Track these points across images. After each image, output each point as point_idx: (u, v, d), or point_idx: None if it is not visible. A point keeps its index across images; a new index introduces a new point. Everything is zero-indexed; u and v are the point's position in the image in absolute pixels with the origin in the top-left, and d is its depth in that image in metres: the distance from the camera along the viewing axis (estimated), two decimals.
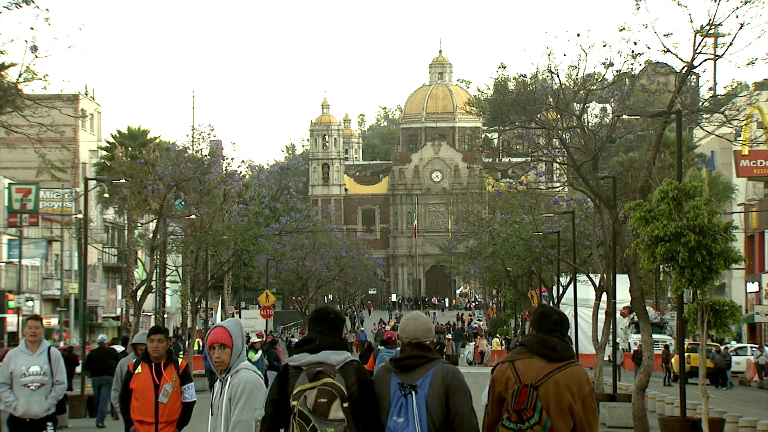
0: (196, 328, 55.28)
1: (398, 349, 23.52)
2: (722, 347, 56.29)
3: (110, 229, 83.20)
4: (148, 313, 73.95)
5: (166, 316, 71.65)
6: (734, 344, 61.39)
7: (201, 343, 56.92)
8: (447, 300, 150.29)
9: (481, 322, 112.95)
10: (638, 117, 31.76)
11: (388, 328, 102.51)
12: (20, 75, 30.88)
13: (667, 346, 54.68)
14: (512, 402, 7.74)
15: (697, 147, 70.46)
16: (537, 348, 7.87)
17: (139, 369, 13.01)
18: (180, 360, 13.08)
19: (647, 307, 32.97)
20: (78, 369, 35.59)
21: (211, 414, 8.82)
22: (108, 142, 70.52)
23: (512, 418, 7.72)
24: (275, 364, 35.64)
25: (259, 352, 34.74)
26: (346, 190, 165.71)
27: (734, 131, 40.83)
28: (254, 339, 39.20)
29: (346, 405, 7.68)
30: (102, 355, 30.79)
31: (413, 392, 7.74)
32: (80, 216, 60.12)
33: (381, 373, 7.99)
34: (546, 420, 7.67)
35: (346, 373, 7.82)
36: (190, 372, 13.21)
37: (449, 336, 77.76)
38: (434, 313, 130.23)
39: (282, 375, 8.02)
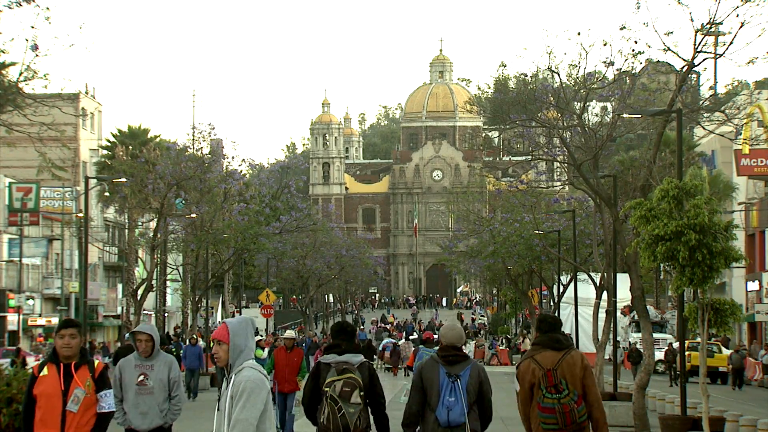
0: (197, 326, 55.31)
1: (436, 348, 24.20)
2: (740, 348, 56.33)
3: (111, 227, 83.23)
4: (149, 312, 73.91)
5: (166, 315, 71.65)
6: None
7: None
8: (445, 299, 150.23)
9: (484, 319, 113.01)
10: (639, 116, 31.73)
11: (389, 326, 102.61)
12: (21, 74, 30.88)
13: (671, 345, 54.52)
14: (544, 382, 10.52)
15: (697, 146, 70.42)
16: (548, 344, 10.70)
17: (45, 371, 10.58)
18: (97, 361, 10.87)
19: (648, 306, 32.97)
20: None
21: (218, 409, 8.89)
22: (108, 141, 70.52)
23: (551, 392, 10.50)
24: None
25: (266, 350, 34.63)
26: (346, 188, 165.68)
27: (735, 130, 40.84)
28: (259, 337, 39.08)
29: (362, 393, 10.77)
30: (128, 353, 30.89)
31: (458, 380, 10.72)
32: (81, 215, 60.15)
33: (430, 364, 10.88)
34: (573, 390, 10.47)
35: (361, 370, 10.91)
36: (108, 375, 10.91)
37: None
38: (436, 312, 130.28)
39: (315, 369, 10.96)
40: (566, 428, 10.41)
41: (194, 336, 43.93)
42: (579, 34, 30.62)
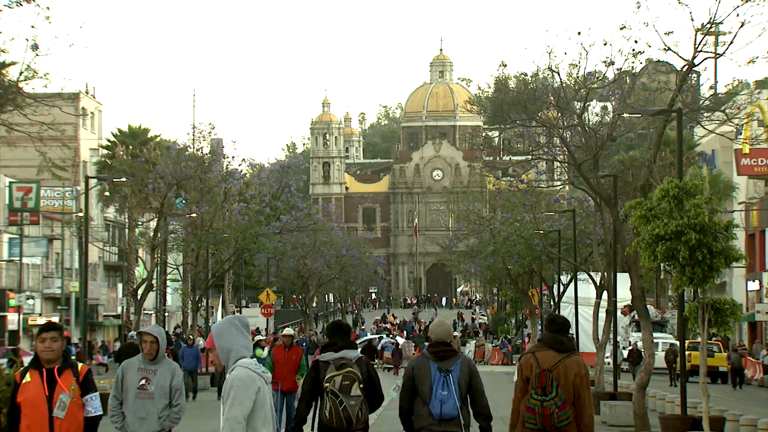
0: (197, 326, 55.29)
1: None
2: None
3: (111, 227, 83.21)
4: (149, 312, 73.94)
5: (166, 314, 71.65)
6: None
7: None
8: (445, 299, 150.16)
9: (484, 318, 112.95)
10: (639, 115, 31.72)
11: (389, 326, 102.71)
12: (21, 73, 30.91)
13: (672, 345, 54.49)
14: (535, 382, 11.00)
15: (697, 145, 70.39)
16: (551, 343, 11.16)
17: (27, 378, 10.15)
18: (80, 364, 10.46)
19: (648, 306, 32.96)
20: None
21: None
22: (109, 141, 70.53)
23: (538, 392, 10.97)
24: None
25: (266, 349, 34.54)
26: (346, 188, 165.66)
27: (735, 130, 40.80)
28: (260, 337, 39.03)
29: (361, 386, 11.20)
30: (130, 350, 30.79)
31: (449, 374, 11.13)
32: (81, 214, 60.13)
33: (422, 360, 11.35)
34: (561, 394, 10.92)
35: (359, 365, 11.35)
36: (93, 378, 10.51)
37: (456, 334, 78.05)
38: (436, 312, 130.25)
39: (315, 366, 11.49)
40: (544, 429, 11.00)
41: (191, 336, 43.83)
42: (579, 33, 30.65)
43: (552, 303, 59.34)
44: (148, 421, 12.30)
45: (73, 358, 11.17)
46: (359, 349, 11.83)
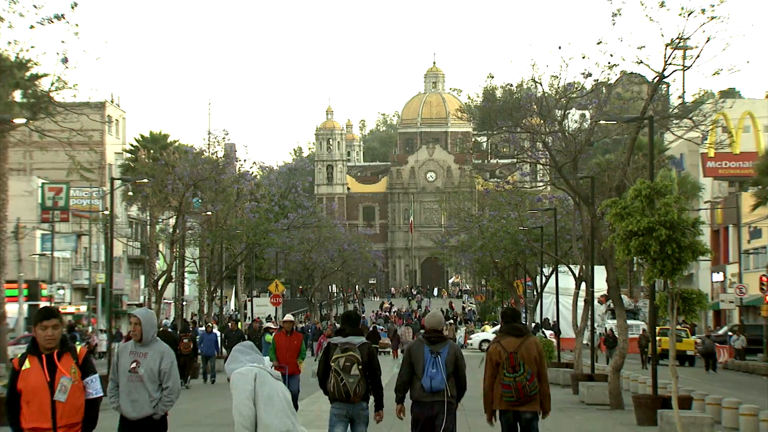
0: (213, 314, 55.21)
1: None
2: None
3: (134, 224, 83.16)
4: (169, 301, 73.88)
5: (185, 303, 71.59)
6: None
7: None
8: (436, 290, 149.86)
9: (473, 305, 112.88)
10: (614, 122, 31.72)
11: (389, 314, 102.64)
12: (52, 84, 30.96)
13: (645, 331, 54.48)
14: (506, 363, 12.61)
15: (667, 150, 70.40)
16: (510, 331, 12.92)
17: (26, 364, 9.36)
18: (79, 347, 9.79)
19: (622, 296, 32.97)
20: None
21: None
22: (132, 146, 70.43)
23: (509, 371, 12.58)
24: None
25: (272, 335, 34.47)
26: (348, 189, 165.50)
27: (701, 135, 40.78)
28: (270, 324, 39.05)
29: (360, 367, 12.67)
30: (162, 338, 30.70)
31: (439, 356, 12.56)
32: (107, 212, 60.10)
33: (417, 344, 12.81)
34: (528, 370, 12.59)
35: (361, 349, 12.78)
36: (92, 360, 9.72)
37: (450, 321, 78.18)
38: (429, 301, 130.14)
39: (327, 348, 12.96)
40: (520, 399, 12.62)
41: (209, 324, 43.84)
42: (560, 48, 30.77)
43: (535, 293, 59.32)
44: (139, 404, 11.42)
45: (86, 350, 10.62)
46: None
